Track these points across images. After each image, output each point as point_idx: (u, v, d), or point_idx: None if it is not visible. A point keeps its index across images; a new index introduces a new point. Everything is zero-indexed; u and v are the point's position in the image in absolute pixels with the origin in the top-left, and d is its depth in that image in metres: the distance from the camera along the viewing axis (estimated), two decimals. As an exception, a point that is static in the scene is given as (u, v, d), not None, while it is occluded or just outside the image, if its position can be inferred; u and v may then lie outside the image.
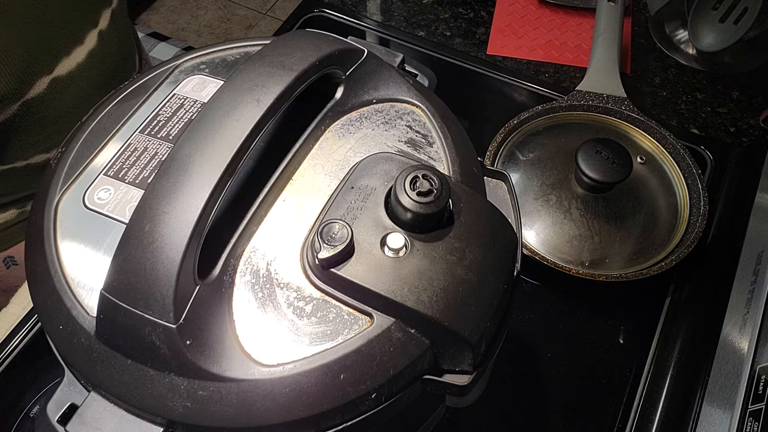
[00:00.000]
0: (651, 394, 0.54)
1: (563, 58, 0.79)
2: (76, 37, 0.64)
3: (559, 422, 0.55)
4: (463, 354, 0.30)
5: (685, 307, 0.58)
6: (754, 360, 0.43)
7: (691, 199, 0.62)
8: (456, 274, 0.29)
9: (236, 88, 0.30)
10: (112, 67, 0.70)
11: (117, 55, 0.71)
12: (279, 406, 0.28)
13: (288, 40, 0.34)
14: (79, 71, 0.64)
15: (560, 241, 0.59)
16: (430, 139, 0.36)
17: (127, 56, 0.75)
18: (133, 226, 0.27)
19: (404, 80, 0.38)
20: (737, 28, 0.72)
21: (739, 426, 0.41)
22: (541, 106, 0.67)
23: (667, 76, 0.77)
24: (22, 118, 0.61)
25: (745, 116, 0.74)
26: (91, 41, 0.65)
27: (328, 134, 0.36)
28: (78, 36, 0.64)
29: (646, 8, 0.84)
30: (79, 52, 0.64)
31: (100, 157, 0.35)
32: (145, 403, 0.28)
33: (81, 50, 0.64)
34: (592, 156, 0.58)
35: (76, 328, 0.29)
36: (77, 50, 0.64)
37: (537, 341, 0.58)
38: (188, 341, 0.27)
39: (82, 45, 0.64)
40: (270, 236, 0.32)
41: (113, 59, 0.70)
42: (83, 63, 0.65)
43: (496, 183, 0.37)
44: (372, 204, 0.31)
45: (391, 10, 0.84)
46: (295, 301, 0.30)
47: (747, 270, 0.51)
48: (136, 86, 0.39)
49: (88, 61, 0.65)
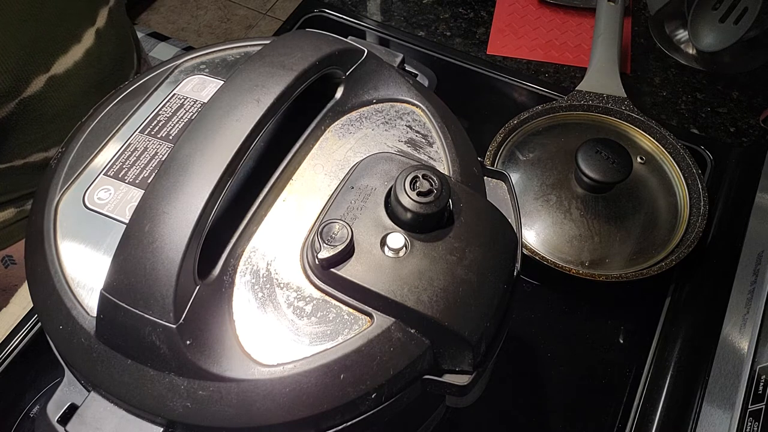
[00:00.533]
0: (651, 394, 0.54)
1: (563, 58, 0.79)
2: (73, 35, 0.64)
3: (559, 422, 0.55)
4: (463, 354, 0.30)
5: (685, 307, 0.58)
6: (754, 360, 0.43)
7: (691, 199, 0.62)
8: (456, 274, 0.29)
9: (236, 88, 0.30)
10: (110, 66, 0.70)
11: (114, 54, 0.71)
12: (279, 406, 0.28)
13: (288, 40, 0.34)
14: (76, 69, 0.64)
15: (560, 241, 0.59)
16: (430, 139, 0.36)
17: (125, 55, 0.74)
18: (133, 226, 0.27)
19: (404, 80, 0.38)
20: (737, 28, 0.72)
21: (739, 426, 0.41)
22: (541, 106, 0.67)
23: (667, 76, 0.77)
24: (19, 117, 0.61)
25: (745, 116, 0.74)
26: (88, 39, 0.65)
27: (328, 134, 0.36)
28: (75, 34, 0.64)
29: (646, 8, 0.84)
30: (76, 51, 0.64)
31: (100, 157, 0.35)
32: (145, 403, 0.28)
33: (78, 48, 0.64)
34: (592, 156, 0.58)
35: (76, 328, 0.29)
36: (74, 48, 0.64)
37: (537, 341, 0.58)
38: (188, 341, 0.27)
39: (80, 43, 0.64)
40: (270, 236, 0.32)
41: (111, 58, 0.70)
42: (80, 61, 0.65)
43: (496, 183, 0.37)
44: (372, 204, 0.31)
45: (391, 10, 0.84)
46: (295, 301, 0.30)
47: (747, 270, 0.51)
48: (136, 86, 0.39)
49: (86, 60, 0.65)
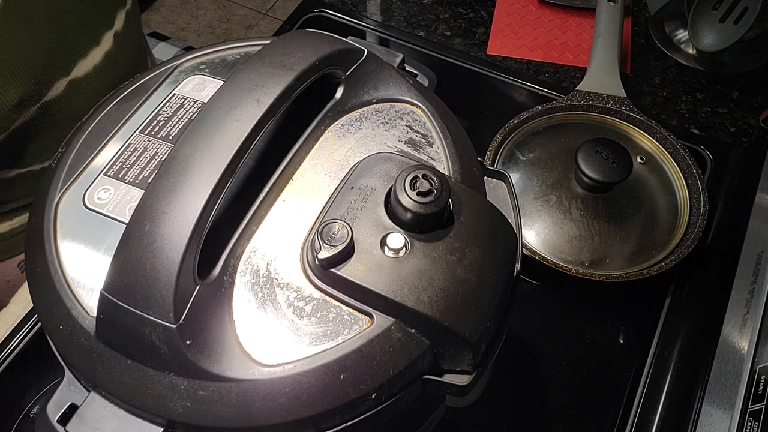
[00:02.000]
0: (651, 394, 0.54)
1: (563, 58, 0.79)
2: (93, 39, 0.64)
3: (559, 422, 0.55)
4: (463, 354, 0.30)
5: (685, 307, 0.58)
6: (754, 360, 0.43)
7: (691, 199, 0.62)
8: (456, 274, 0.29)
9: (236, 88, 0.30)
10: (126, 68, 0.70)
11: (131, 56, 0.71)
12: (279, 406, 0.28)
13: (288, 40, 0.34)
14: (95, 72, 0.64)
15: (560, 241, 0.59)
16: (430, 139, 0.36)
17: (140, 57, 0.75)
18: (133, 226, 0.27)
19: (404, 80, 0.38)
20: (737, 28, 0.72)
21: (739, 426, 0.41)
22: (541, 106, 0.67)
23: (667, 76, 0.77)
24: (40, 121, 0.61)
25: (745, 116, 0.74)
26: (107, 43, 0.65)
27: (328, 134, 0.36)
28: (95, 37, 0.64)
29: (646, 8, 0.84)
30: (95, 54, 0.64)
31: (100, 157, 0.35)
32: (145, 403, 0.28)
33: (97, 51, 0.64)
34: (592, 156, 0.58)
35: (76, 328, 0.29)
36: (94, 51, 0.64)
37: (537, 341, 0.58)
38: (188, 341, 0.27)
39: (99, 46, 0.64)
40: (270, 236, 0.32)
41: (127, 60, 0.70)
42: (99, 64, 0.65)
43: (496, 183, 0.37)
44: (372, 204, 0.31)
45: (391, 10, 0.84)
46: (295, 301, 0.30)
47: (747, 270, 0.51)
48: (136, 86, 0.39)
49: (104, 63, 0.65)
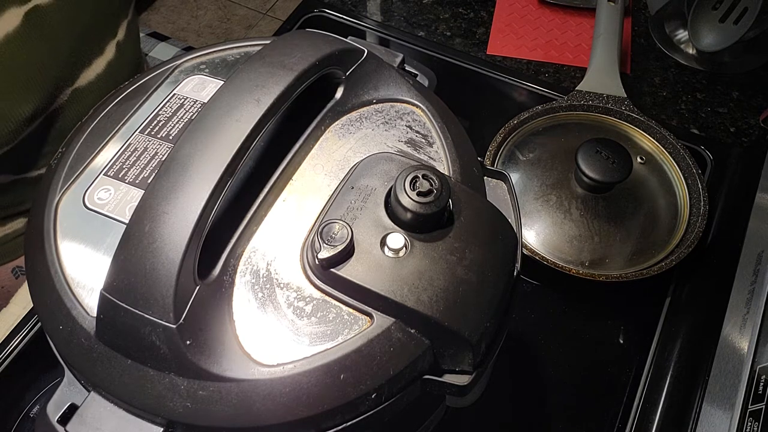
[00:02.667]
0: (651, 394, 0.54)
1: (563, 58, 0.79)
2: (97, 49, 0.64)
3: (559, 422, 0.55)
4: (463, 354, 0.30)
5: (685, 307, 0.58)
6: (754, 360, 0.43)
7: (691, 199, 0.62)
8: (456, 274, 0.29)
9: (236, 88, 0.30)
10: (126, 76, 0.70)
11: (131, 64, 0.72)
12: (279, 406, 0.28)
13: (288, 40, 0.34)
14: (97, 81, 0.65)
15: (560, 241, 0.59)
16: (430, 139, 0.36)
17: (138, 64, 0.75)
18: (133, 226, 0.27)
19: (404, 80, 0.38)
20: (737, 28, 0.72)
21: (739, 426, 0.40)
22: (541, 106, 0.67)
23: (667, 76, 0.77)
24: (43, 130, 0.61)
25: (745, 116, 0.74)
26: (110, 52, 0.66)
27: (328, 134, 0.36)
28: (100, 47, 0.65)
29: (646, 8, 0.84)
30: (99, 63, 0.65)
31: (100, 157, 0.35)
32: (145, 403, 0.28)
33: (101, 61, 0.65)
34: (592, 156, 0.58)
35: (76, 328, 0.29)
36: (97, 61, 0.64)
37: (537, 341, 0.58)
38: (188, 341, 0.27)
39: (102, 55, 0.65)
40: (270, 236, 0.32)
41: (128, 68, 0.71)
42: (102, 73, 0.65)
43: (496, 183, 0.37)
44: (372, 204, 0.31)
45: (391, 10, 0.84)
46: (295, 301, 0.30)
47: (747, 270, 0.51)
48: (136, 86, 0.39)
49: (107, 72, 0.66)
